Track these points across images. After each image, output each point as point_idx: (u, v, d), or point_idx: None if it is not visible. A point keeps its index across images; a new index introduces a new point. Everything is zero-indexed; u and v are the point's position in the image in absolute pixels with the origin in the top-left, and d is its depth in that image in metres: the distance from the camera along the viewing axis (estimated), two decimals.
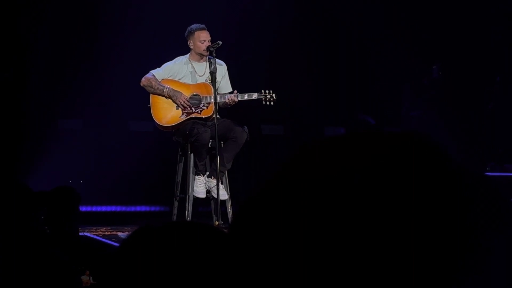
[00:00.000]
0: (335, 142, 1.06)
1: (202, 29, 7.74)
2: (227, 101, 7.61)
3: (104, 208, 9.20)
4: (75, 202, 4.96)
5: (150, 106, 7.71)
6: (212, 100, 7.53)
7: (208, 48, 7.61)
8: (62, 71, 9.42)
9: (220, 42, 7.54)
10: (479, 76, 9.65)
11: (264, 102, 7.80)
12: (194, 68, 7.78)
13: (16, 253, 2.92)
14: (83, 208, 8.91)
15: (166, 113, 7.71)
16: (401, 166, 0.99)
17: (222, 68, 7.81)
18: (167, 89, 7.67)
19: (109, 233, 7.69)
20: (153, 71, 7.74)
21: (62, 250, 3.41)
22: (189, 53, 7.81)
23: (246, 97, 7.74)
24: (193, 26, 7.76)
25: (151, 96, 7.71)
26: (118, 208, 9.28)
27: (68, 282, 2.95)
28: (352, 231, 0.97)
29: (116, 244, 6.56)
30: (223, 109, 7.76)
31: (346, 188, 0.98)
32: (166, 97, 7.68)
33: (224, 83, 7.83)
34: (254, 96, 7.77)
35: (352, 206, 0.98)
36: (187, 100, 7.65)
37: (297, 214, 0.99)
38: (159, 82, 7.69)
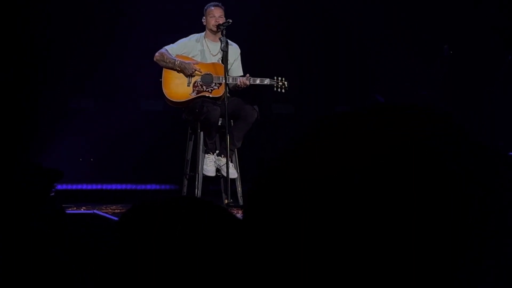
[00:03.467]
0: (348, 121, 1.05)
1: (216, 6, 7.76)
2: (238, 83, 7.62)
3: (114, 186, 9.22)
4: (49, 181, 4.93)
5: (161, 81, 7.72)
6: (224, 80, 7.53)
7: (218, 26, 7.60)
8: (73, 50, 9.43)
9: (231, 21, 7.52)
10: (489, 58, 9.60)
11: (275, 89, 7.81)
12: (208, 46, 7.79)
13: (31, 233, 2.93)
14: (93, 187, 8.94)
15: (177, 89, 7.71)
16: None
17: (235, 50, 7.81)
18: (178, 62, 7.68)
19: (119, 211, 7.70)
20: (166, 47, 7.76)
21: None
22: (204, 32, 7.82)
23: (258, 81, 7.74)
24: (209, 3, 7.79)
25: (164, 70, 7.72)
26: (129, 186, 9.30)
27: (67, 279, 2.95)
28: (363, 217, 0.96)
29: None
30: (234, 90, 7.76)
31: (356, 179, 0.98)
32: (178, 70, 7.69)
33: (236, 66, 7.84)
34: (266, 81, 7.77)
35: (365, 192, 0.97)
36: (197, 69, 7.64)
37: (303, 204, 0.98)
38: (172, 56, 7.70)
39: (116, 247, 1.28)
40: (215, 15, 7.69)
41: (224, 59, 7.49)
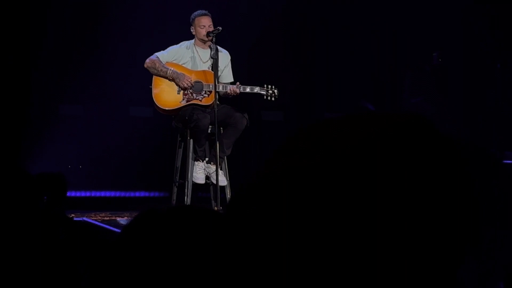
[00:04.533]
0: (334, 124, 1.06)
1: (204, 15, 7.73)
2: (229, 91, 7.62)
3: (103, 194, 9.21)
4: (63, 187, 4.96)
5: (151, 88, 7.71)
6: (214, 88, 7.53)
7: (208, 33, 7.60)
8: (63, 56, 9.41)
9: (220, 28, 7.53)
10: (479, 63, 9.63)
11: (265, 97, 7.81)
12: (198, 54, 7.78)
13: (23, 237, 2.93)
14: (82, 194, 8.92)
15: (167, 96, 7.70)
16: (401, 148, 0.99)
17: (225, 57, 7.81)
18: (170, 71, 7.67)
19: (108, 218, 7.69)
20: (157, 53, 7.74)
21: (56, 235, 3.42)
22: (194, 39, 7.81)
23: (248, 89, 7.75)
24: (196, 12, 7.77)
25: (154, 78, 7.71)
26: (118, 194, 9.29)
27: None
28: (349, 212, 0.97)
29: (115, 229, 6.56)
30: (224, 98, 7.77)
31: (343, 171, 0.98)
32: (170, 79, 7.68)
33: (226, 73, 7.84)
34: (256, 90, 7.78)
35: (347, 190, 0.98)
36: (191, 82, 7.64)
37: (288, 201, 0.99)
38: (163, 64, 7.69)
39: (119, 256, 1.27)
40: (205, 25, 7.68)
41: (214, 67, 7.49)
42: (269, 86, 7.81)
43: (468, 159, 1.02)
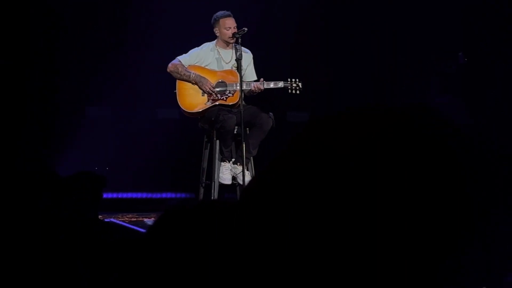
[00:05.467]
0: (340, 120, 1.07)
1: (228, 16, 7.74)
2: (253, 88, 7.62)
3: (130, 195, 9.24)
4: (99, 187, 4.96)
5: (176, 92, 7.74)
6: (238, 87, 7.54)
7: (233, 34, 7.62)
8: (90, 58, 9.46)
9: (246, 29, 7.54)
10: (505, 62, 9.57)
11: (290, 91, 7.80)
12: (220, 54, 7.80)
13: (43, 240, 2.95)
14: (109, 195, 8.96)
15: (192, 99, 7.73)
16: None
17: (248, 56, 7.82)
18: (193, 75, 7.69)
19: (135, 219, 7.72)
20: (179, 57, 7.76)
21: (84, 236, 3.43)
22: (215, 40, 7.82)
23: (272, 85, 7.74)
24: (219, 13, 7.78)
25: (178, 82, 7.74)
26: (145, 195, 9.32)
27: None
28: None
29: (143, 230, 6.58)
30: (249, 97, 7.77)
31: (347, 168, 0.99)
32: (193, 83, 7.71)
33: (250, 71, 7.84)
34: (280, 84, 7.77)
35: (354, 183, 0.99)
36: (213, 87, 7.67)
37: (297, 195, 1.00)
38: (186, 68, 7.71)
39: (147, 253, 1.29)
40: (230, 26, 7.70)
41: (239, 67, 7.50)
42: (293, 80, 7.79)
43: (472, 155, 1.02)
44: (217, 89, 7.69)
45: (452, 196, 0.98)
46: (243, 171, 7.41)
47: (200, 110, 7.70)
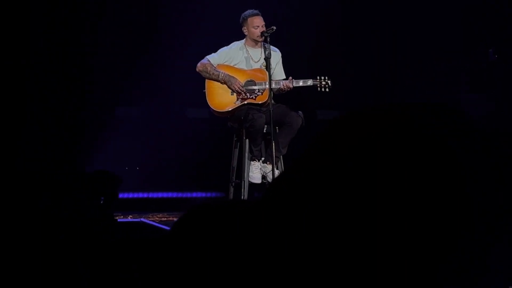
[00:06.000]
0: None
1: (256, 14, 7.75)
2: (282, 87, 7.62)
3: (160, 195, 9.26)
4: (114, 186, 4.97)
5: (205, 92, 7.75)
6: (267, 86, 7.53)
7: (262, 33, 7.62)
8: (120, 58, 9.50)
9: (275, 28, 7.53)
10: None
11: (319, 89, 7.78)
12: (249, 53, 7.80)
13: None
14: (140, 195, 8.99)
15: (221, 98, 7.73)
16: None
17: (276, 55, 7.81)
18: (222, 75, 7.70)
19: (165, 219, 7.73)
20: (208, 57, 7.77)
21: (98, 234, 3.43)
22: (244, 39, 7.83)
23: (301, 83, 7.73)
24: (247, 12, 7.78)
25: (206, 81, 7.75)
26: (175, 195, 9.34)
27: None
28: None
29: None
30: (278, 95, 7.77)
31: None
32: (222, 83, 7.71)
33: (278, 70, 7.84)
34: (309, 82, 7.75)
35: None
36: (241, 86, 7.67)
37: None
38: (215, 67, 7.72)
39: (172, 249, 1.29)
40: (259, 25, 7.71)
41: (267, 66, 7.50)
42: (322, 78, 7.77)
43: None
44: (246, 88, 7.70)
45: (452, 196, 0.97)
46: (272, 170, 7.40)
47: (230, 110, 7.71)
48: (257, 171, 7.62)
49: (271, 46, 7.61)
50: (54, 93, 8.90)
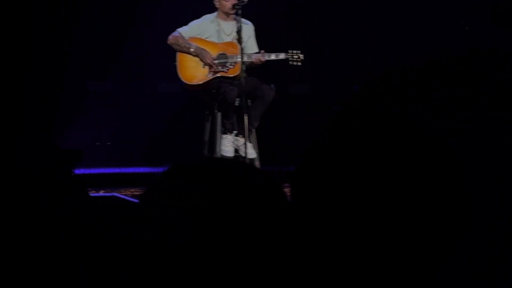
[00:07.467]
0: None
1: None
2: (254, 60, 7.60)
3: (133, 170, 9.22)
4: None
5: (176, 65, 7.70)
6: (239, 59, 7.50)
7: (233, 6, 7.57)
8: (90, 33, 9.42)
9: (246, 0, 7.49)
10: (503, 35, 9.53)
11: (291, 62, 7.76)
12: (221, 26, 7.76)
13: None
14: (111, 170, 8.95)
15: (193, 71, 7.70)
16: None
17: (249, 28, 7.78)
18: (194, 47, 7.66)
19: (138, 193, 7.71)
20: (179, 29, 7.73)
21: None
22: (216, 12, 7.78)
23: (273, 56, 7.71)
24: None
25: (178, 54, 7.70)
26: (147, 170, 9.29)
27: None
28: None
29: None
30: (250, 69, 7.73)
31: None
32: (193, 55, 7.67)
33: (251, 43, 7.81)
34: (282, 56, 7.73)
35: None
36: (213, 59, 7.63)
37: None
38: (186, 40, 7.68)
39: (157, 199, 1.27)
40: None
41: (239, 39, 7.46)
42: (294, 51, 7.75)
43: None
44: (218, 61, 7.66)
45: (452, 196, 0.96)
46: (245, 143, 7.39)
47: (201, 82, 7.67)
48: (229, 145, 7.61)
49: (243, 19, 7.57)
50: (22, 67, 8.82)
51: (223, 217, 1.19)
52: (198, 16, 7.87)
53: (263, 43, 7.88)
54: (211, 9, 7.83)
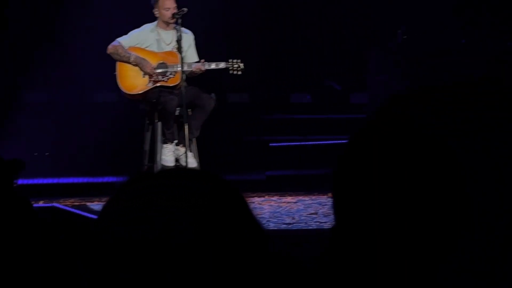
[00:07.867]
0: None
1: None
2: (194, 69, 7.60)
3: (71, 180, 9.12)
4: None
5: (116, 74, 7.66)
6: (179, 68, 7.49)
7: (173, 15, 7.56)
8: (25, 43, 9.31)
9: (186, 9, 7.50)
10: (444, 38, 9.67)
11: (231, 71, 7.78)
12: (160, 36, 7.74)
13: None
14: (50, 180, 8.85)
15: (133, 80, 7.66)
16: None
17: (188, 37, 7.78)
18: (133, 57, 7.63)
19: (78, 203, 7.64)
20: (119, 39, 7.69)
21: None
22: (156, 21, 7.76)
23: (213, 66, 7.72)
24: None
25: (117, 64, 7.66)
26: (86, 180, 9.20)
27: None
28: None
29: (87, 214, 6.53)
30: (190, 78, 7.73)
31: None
32: (133, 65, 7.64)
33: (191, 52, 7.81)
34: (222, 65, 7.75)
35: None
36: (154, 69, 7.61)
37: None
38: (126, 49, 7.64)
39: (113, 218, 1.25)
40: (170, 7, 7.64)
41: (179, 48, 7.46)
42: (234, 60, 7.77)
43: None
44: (158, 71, 7.64)
45: (452, 195, 0.98)
46: (186, 152, 7.38)
47: (141, 92, 7.65)
48: (170, 154, 7.59)
49: (183, 28, 7.57)
50: None
51: (223, 217, 1.20)
52: (138, 25, 7.83)
53: (203, 52, 7.88)
54: (151, 18, 7.80)
